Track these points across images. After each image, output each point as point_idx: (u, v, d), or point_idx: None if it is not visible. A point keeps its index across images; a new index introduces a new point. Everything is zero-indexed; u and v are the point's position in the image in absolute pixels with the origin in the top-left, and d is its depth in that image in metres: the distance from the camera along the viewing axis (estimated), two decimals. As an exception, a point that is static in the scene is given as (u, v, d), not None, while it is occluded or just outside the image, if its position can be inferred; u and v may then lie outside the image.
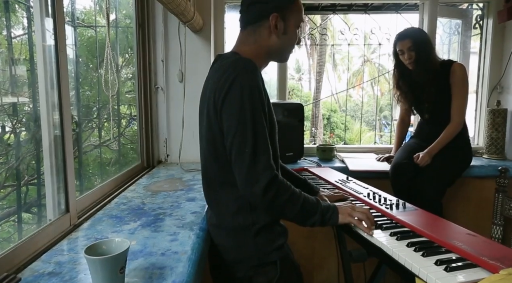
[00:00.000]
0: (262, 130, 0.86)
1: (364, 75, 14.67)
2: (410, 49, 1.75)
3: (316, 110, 9.25)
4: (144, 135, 1.94)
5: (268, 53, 1.00)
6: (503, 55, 2.16)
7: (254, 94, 0.86)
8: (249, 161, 0.84)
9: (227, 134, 0.87)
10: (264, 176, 0.84)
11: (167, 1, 1.29)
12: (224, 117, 0.87)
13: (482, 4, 2.28)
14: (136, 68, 1.91)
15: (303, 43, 8.65)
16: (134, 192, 1.38)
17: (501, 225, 1.82)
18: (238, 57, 0.92)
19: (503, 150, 2.08)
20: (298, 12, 1.00)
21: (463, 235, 0.97)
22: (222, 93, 0.86)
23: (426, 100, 1.81)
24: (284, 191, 0.88)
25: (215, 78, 0.90)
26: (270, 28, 0.96)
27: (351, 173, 1.86)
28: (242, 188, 0.87)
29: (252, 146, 0.84)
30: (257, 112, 0.86)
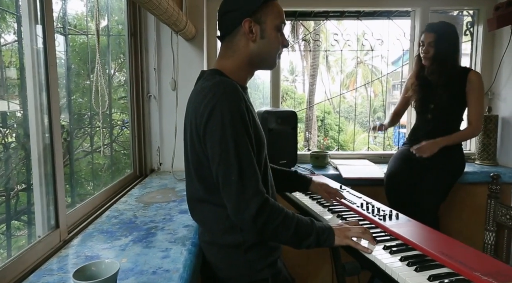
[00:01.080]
0: (247, 156, 0.84)
1: (358, 77, 14.77)
2: (430, 44, 1.72)
3: (310, 113, 9.28)
4: (136, 144, 1.92)
5: (250, 62, 0.96)
6: (493, 62, 2.19)
7: (236, 119, 0.83)
8: (236, 188, 0.82)
9: (212, 162, 0.86)
10: (253, 202, 0.82)
11: (158, 12, 1.28)
12: (207, 145, 0.86)
13: (473, 11, 2.30)
14: (128, 76, 1.89)
15: (296, 46, 8.70)
16: (126, 204, 1.37)
17: (494, 231, 1.84)
18: (217, 80, 0.88)
19: (494, 156, 2.11)
20: (275, 13, 0.95)
21: (456, 248, 0.97)
22: (203, 120, 0.85)
23: (433, 101, 1.79)
24: (276, 216, 0.86)
25: (196, 103, 0.88)
26: (246, 34, 0.92)
27: (345, 180, 1.87)
28: (232, 215, 0.86)
29: (238, 173, 0.82)
30: (240, 138, 0.84)
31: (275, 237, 0.90)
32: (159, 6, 1.22)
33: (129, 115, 1.92)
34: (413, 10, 2.26)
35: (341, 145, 9.40)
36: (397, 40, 2.53)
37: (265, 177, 0.97)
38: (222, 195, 0.86)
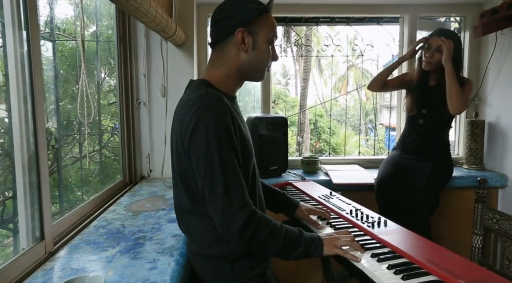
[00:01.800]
0: (233, 169, 0.84)
1: (349, 80, 14.90)
2: (439, 49, 1.70)
3: (303, 117, 9.32)
4: (126, 151, 1.90)
5: (240, 72, 0.96)
6: (480, 68, 2.23)
7: (221, 132, 0.83)
8: (222, 202, 0.82)
9: (198, 176, 0.85)
10: (240, 215, 0.82)
11: (146, 20, 1.28)
12: (192, 158, 0.85)
13: (459, 18, 2.35)
14: (118, 83, 1.88)
15: (288, 50, 8.75)
16: (114, 213, 1.35)
17: (481, 235, 1.86)
18: (203, 92, 0.87)
19: (481, 160, 2.14)
20: (268, 26, 0.95)
21: (442, 255, 0.98)
22: (187, 133, 0.84)
23: (427, 107, 1.79)
24: (264, 228, 0.86)
25: (181, 115, 0.88)
26: (238, 44, 0.92)
27: (335, 186, 1.88)
28: (219, 229, 0.85)
29: (223, 186, 0.82)
30: (225, 151, 0.83)
31: (263, 249, 0.89)
32: (147, 14, 1.21)
33: (119, 122, 1.90)
34: (402, 16, 2.30)
35: (334, 148, 9.46)
36: (387, 45, 2.57)
37: (253, 188, 0.97)
38: (208, 208, 0.86)
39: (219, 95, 0.88)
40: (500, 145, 2.06)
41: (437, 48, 1.71)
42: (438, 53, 1.70)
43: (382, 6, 2.23)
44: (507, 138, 2.01)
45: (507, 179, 2.00)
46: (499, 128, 2.07)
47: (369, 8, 2.25)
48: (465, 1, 2.17)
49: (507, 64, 2.01)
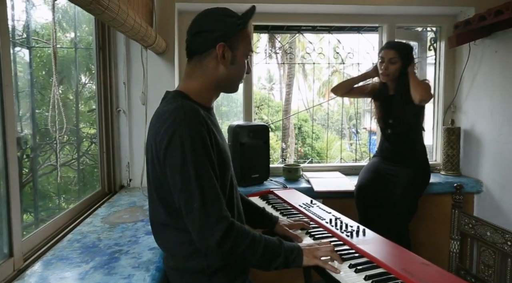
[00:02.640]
0: (209, 181, 0.83)
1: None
2: (390, 60, 1.77)
3: (287, 122, 9.38)
4: (105, 159, 1.86)
5: (217, 85, 0.97)
6: (455, 77, 2.31)
7: (196, 145, 0.82)
8: (199, 215, 0.81)
9: (174, 189, 0.84)
10: (218, 228, 0.81)
11: (124, 29, 1.26)
12: (168, 171, 0.84)
13: (435, 28, 2.43)
14: (97, 91, 1.84)
15: (273, 55, 8.81)
16: (90, 226, 1.31)
17: (458, 240, 1.90)
18: (178, 104, 0.87)
19: (458, 166, 2.20)
20: (247, 40, 0.97)
21: (418, 265, 1.00)
22: (162, 146, 0.83)
23: (392, 117, 1.85)
24: (242, 240, 0.85)
25: (156, 127, 0.87)
26: (217, 58, 0.92)
27: (317, 193, 1.89)
28: (197, 242, 0.84)
29: (200, 200, 0.81)
30: (201, 164, 0.83)
31: (242, 261, 0.89)
32: (125, 23, 1.20)
33: (97, 130, 1.86)
34: (381, 26, 2.36)
35: (318, 152, 9.55)
36: (367, 53, 2.63)
37: (230, 199, 0.96)
38: (185, 221, 0.85)
39: (195, 107, 0.88)
40: (475, 151, 2.13)
41: (389, 60, 1.78)
42: (392, 64, 1.78)
43: (361, 16, 2.28)
44: (481, 145, 2.08)
45: (482, 185, 2.07)
46: (474, 135, 2.14)
47: (349, 18, 2.29)
48: (440, 13, 2.25)
49: (480, 74, 2.08)
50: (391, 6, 2.14)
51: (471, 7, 2.10)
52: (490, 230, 1.68)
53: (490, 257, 1.70)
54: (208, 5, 2.07)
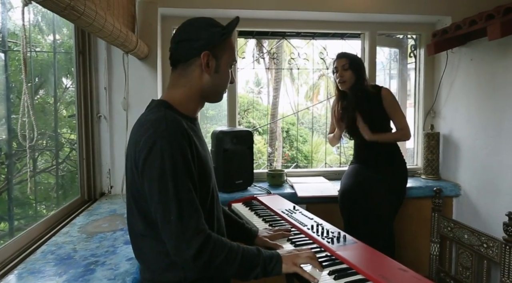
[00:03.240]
0: (187, 194, 0.82)
1: (321, 89, 15.28)
2: (344, 68, 1.85)
3: (274, 126, 9.41)
4: (85, 166, 1.82)
5: (201, 94, 0.96)
6: (434, 83, 2.37)
7: (176, 157, 0.82)
8: (175, 228, 0.80)
9: (151, 200, 0.83)
10: (194, 242, 0.80)
11: (103, 35, 1.24)
12: (146, 182, 0.83)
13: (415, 36, 2.49)
14: (76, 96, 1.80)
15: (261, 60, 8.85)
16: (66, 236, 1.28)
17: (438, 242, 1.95)
18: (161, 114, 0.86)
19: (438, 171, 2.26)
20: (231, 50, 0.98)
21: (396, 271, 1.01)
22: (142, 156, 0.82)
23: (355, 124, 1.89)
24: (219, 252, 0.85)
25: (137, 136, 0.86)
26: (202, 66, 0.92)
27: (300, 199, 1.90)
28: (173, 255, 0.83)
29: (177, 212, 0.80)
30: (180, 176, 0.82)
31: (220, 273, 0.88)
32: (103, 29, 1.18)
33: (77, 136, 1.82)
34: (363, 33, 2.40)
35: (306, 155, 9.60)
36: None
37: (211, 212, 0.96)
38: (161, 233, 0.83)
39: (178, 119, 0.87)
40: (453, 156, 2.19)
41: (342, 67, 1.86)
42: (345, 71, 1.85)
43: (344, 23, 2.32)
44: (459, 150, 2.13)
45: (460, 189, 2.13)
46: (452, 140, 2.20)
47: (332, 25, 2.33)
48: (420, 21, 2.31)
49: (457, 80, 2.15)
50: (373, 14, 2.18)
51: (448, 16, 2.17)
52: (468, 233, 1.73)
53: (467, 259, 1.74)
54: (191, 10, 2.09)
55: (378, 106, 1.86)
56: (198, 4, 2.01)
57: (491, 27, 1.57)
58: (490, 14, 1.61)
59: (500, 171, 1.82)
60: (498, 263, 1.53)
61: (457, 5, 2.14)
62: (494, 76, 1.84)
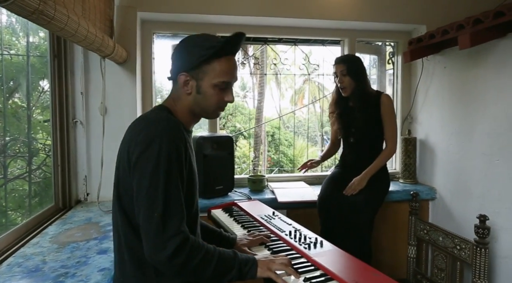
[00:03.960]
0: (176, 194, 0.84)
1: (306, 94, 15.45)
2: (343, 73, 1.87)
3: (259, 130, 9.44)
4: (60, 173, 1.77)
5: (191, 111, 0.99)
6: (411, 89, 2.44)
7: (172, 157, 0.84)
8: (156, 226, 0.80)
9: (137, 194, 0.83)
10: (171, 243, 0.80)
11: (77, 40, 1.22)
12: (137, 175, 0.84)
13: (393, 43, 2.56)
14: (51, 100, 1.75)
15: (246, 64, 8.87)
16: (36, 247, 1.23)
17: (415, 245, 1.99)
18: (164, 115, 0.91)
19: (415, 175, 2.31)
20: (215, 72, 0.93)
21: (369, 276, 1.02)
22: (139, 149, 0.84)
23: (354, 125, 1.93)
24: (196, 254, 0.85)
25: (136, 130, 0.88)
26: (182, 87, 0.96)
27: (281, 204, 1.90)
28: (148, 254, 0.82)
29: (162, 210, 0.81)
30: (172, 175, 0.83)
31: (194, 275, 0.87)
32: (76, 34, 1.15)
33: (51, 143, 1.77)
34: (342, 39, 2.45)
35: (291, 159, 9.65)
36: (332, 65, 2.71)
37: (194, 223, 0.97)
38: (140, 231, 0.83)
39: (178, 123, 0.91)
40: (429, 160, 2.25)
41: (341, 72, 1.88)
42: (344, 76, 1.87)
43: (324, 29, 2.36)
44: (435, 154, 2.20)
45: (435, 192, 2.18)
46: (428, 145, 2.27)
47: (313, 31, 2.36)
48: (397, 29, 2.38)
49: (432, 87, 2.22)
50: (352, 22, 2.23)
51: (423, 25, 2.24)
52: (442, 235, 1.77)
53: (442, 261, 1.79)
54: (172, 15, 2.08)
55: (376, 112, 1.89)
56: (179, 10, 2.00)
57: (462, 37, 1.63)
58: (460, 24, 1.68)
59: (472, 175, 1.88)
60: (470, 264, 1.58)
61: (432, 14, 2.22)
62: (466, 83, 1.91)
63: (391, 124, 1.90)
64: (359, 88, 1.87)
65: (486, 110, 1.77)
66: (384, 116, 1.90)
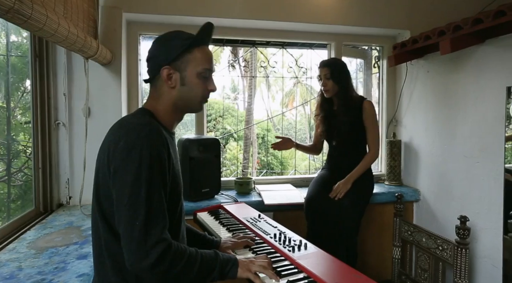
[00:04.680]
0: (158, 202, 0.82)
1: (296, 96, 15.54)
2: (326, 77, 1.89)
3: (249, 132, 9.44)
4: (41, 176, 1.73)
5: (175, 107, 0.97)
6: (396, 92, 2.48)
7: (154, 164, 0.82)
8: (138, 235, 0.78)
9: (118, 203, 0.81)
10: (154, 251, 0.79)
11: (57, 40, 1.19)
12: (117, 183, 0.82)
13: (379, 48, 2.60)
14: (32, 101, 1.71)
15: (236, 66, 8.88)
16: (12, 252, 1.19)
17: (400, 246, 2.02)
18: (146, 120, 0.88)
19: (400, 177, 2.35)
20: (197, 60, 0.95)
21: (350, 277, 1.03)
22: (120, 156, 0.82)
23: (336, 128, 1.95)
24: (179, 261, 0.84)
25: (118, 136, 0.85)
26: (165, 81, 0.94)
27: (267, 206, 1.90)
28: (130, 263, 0.81)
29: (144, 218, 0.79)
30: (154, 183, 0.82)
31: (177, 280, 0.87)
32: (55, 34, 1.13)
33: (32, 144, 1.73)
34: (329, 43, 2.47)
35: (282, 161, 9.68)
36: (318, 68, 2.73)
37: (178, 225, 0.96)
38: (121, 239, 0.81)
39: (160, 129, 0.89)
40: (413, 163, 2.29)
41: (325, 76, 1.91)
42: (328, 80, 1.91)
43: (312, 33, 2.38)
44: (419, 157, 2.23)
45: (419, 194, 2.22)
46: (412, 148, 2.30)
47: (300, 34, 2.38)
48: (382, 34, 2.42)
49: (416, 91, 2.26)
50: (338, 26, 2.26)
51: (407, 30, 2.29)
52: (425, 236, 1.80)
53: (425, 261, 1.82)
54: (158, 16, 2.07)
55: (358, 117, 1.92)
56: (165, 11, 1.99)
57: (443, 43, 1.67)
58: (442, 30, 1.72)
59: (454, 177, 1.92)
60: (452, 264, 1.61)
61: (415, 20, 2.26)
62: (447, 87, 1.95)
63: (373, 130, 1.94)
64: (342, 92, 1.89)
65: (466, 114, 1.82)
66: (366, 122, 1.93)
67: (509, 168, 1.63)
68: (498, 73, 1.62)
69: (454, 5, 2.22)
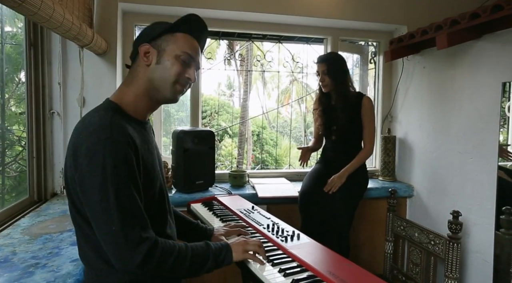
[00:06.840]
0: (130, 203, 0.79)
1: (292, 94, 15.56)
2: (324, 72, 1.90)
3: (244, 128, 9.43)
4: (35, 165, 1.72)
5: (147, 90, 0.92)
6: (392, 88, 2.49)
7: (119, 167, 0.78)
8: (117, 239, 0.77)
9: (90, 210, 0.79)
10: (138, 251, 0.78)
11: (52, 26, 1.18)
12: (85, 189, 0.79)
13: (375, 43, 2.61)
14: (26, 91, 1.70)
15: (232, 62, 8.85)
16: (7, 238, 1.19)
17: (392, 241, 2.04)
18: (108, 120, 0.82)
19: (394, 172, 2.36)
20: (178, 43, 0.92)
21: (343, 267, 1.04)
22: (82, 162, 0.78)
23: (335, 123, 1.96)
24: (168, 256, 0.84)
25: (80, 140, 0.80)
26: (141, 58, 0.91)
27: (261, 199, 1.91)
28: (118, 267, 0.80)
29: (119, 223, 0.77)
30: (122, 186, 0.78)
31: (170, 274, 0.87)
32: (51, 19, 1.12)
33: (27, 134, 1.71)
34: (325, 38, 2.47)
35: (277, 159, 9.70)
36: (314, 63, 2.74)
37: (163, 213, 0.95)
38: (103, 245, 0.80)
39: (123, 127, 0.84)
40: (408, 158, 2.31)
41: (323, 72, 1.92)
42: (325, 75, 1.91)
43: (308, 27, 2.38)
44: (413, 153, 2.25)
45: (413, 189, 2.24)
46: (407, 143, 2.32)
47: (297, 28, 2.38)
48: (379, 29, 2.42)
49: (411, 86, 2.27)
50: (335, 20, 2.26)
51: (404, 25, 2.29)
52: (418, 231, 1.82)
53: (417, 256, 1.84)
54: (154, 7, 2.05)
55: (356, 112, 1.93)
56: (161, 1, 1.98)
57: (439, 37, 1.68)
58: (439, 25, 1.73)
59: (447, 173, 1.94)
60: (443, 258, 1.63)
61: (412, 15, 2.27)
62: (443, 83, 1.97)
63: (370, 126, 1.95)
64: (339, 87, 1.90)
65: (461, 110, 1.83)
66: (364, 118, 1.94)
67: (502, 165, 1.65)
68: (494, 68, 1.63)
69: (452, 0, 2.23)
